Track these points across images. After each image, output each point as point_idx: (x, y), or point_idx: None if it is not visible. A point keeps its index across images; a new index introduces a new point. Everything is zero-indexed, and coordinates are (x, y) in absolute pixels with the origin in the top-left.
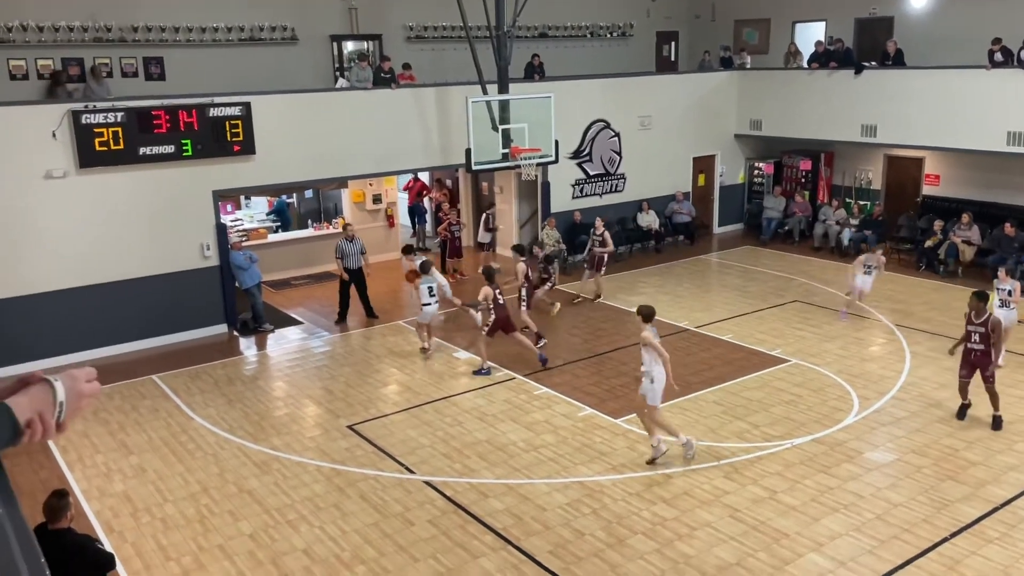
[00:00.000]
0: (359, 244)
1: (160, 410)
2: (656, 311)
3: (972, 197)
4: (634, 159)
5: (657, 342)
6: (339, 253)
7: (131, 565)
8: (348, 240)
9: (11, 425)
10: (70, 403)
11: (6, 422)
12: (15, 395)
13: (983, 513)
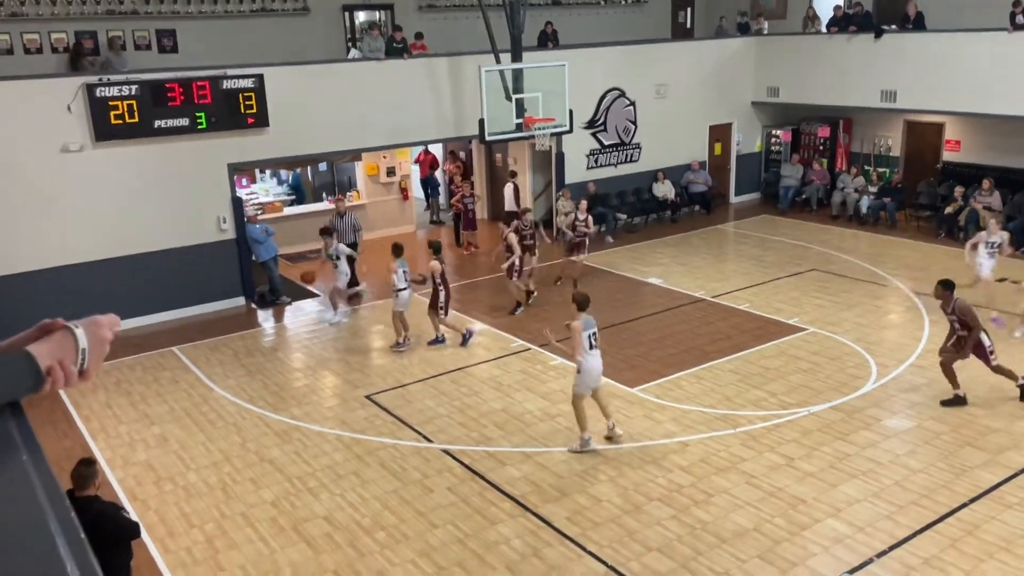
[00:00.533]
0: (351, 219)
1: (181, 381)
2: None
3: (993, 163)
4: (649, 128)
5: (579, 337)
6: (332, 227)
7: (155, 532)
8: (340, 215)
9: (34, 372)
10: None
11: (28, 369)
12: (37, 343)
13: (1002, 479)
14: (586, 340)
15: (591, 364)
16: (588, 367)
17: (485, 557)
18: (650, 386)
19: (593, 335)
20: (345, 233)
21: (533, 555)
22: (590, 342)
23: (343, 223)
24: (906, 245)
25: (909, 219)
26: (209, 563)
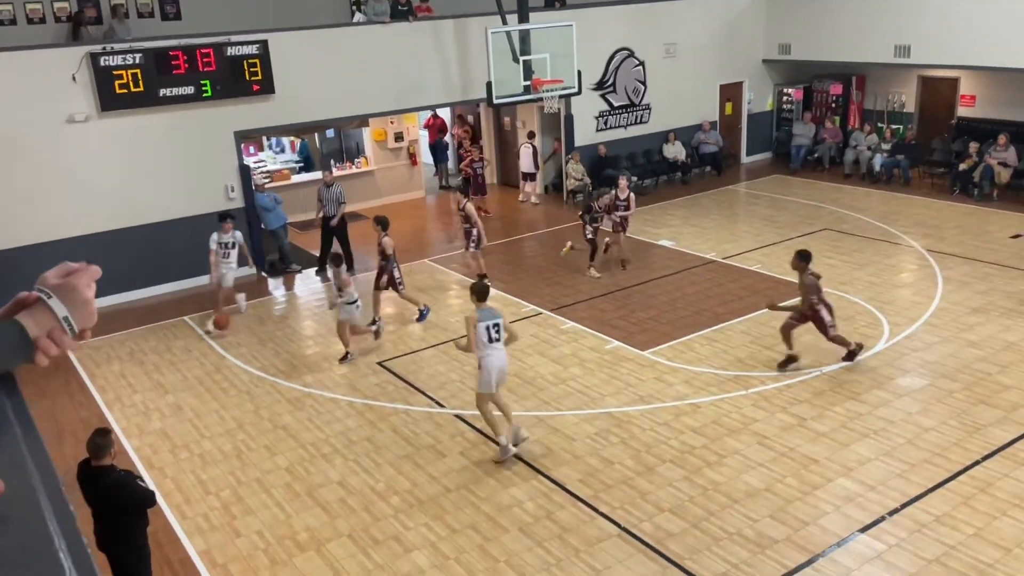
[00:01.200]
0: (337, 190)
1: (193, 350)
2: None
3: (1009, 117)
4: (659, 88)
5: (474, 331)
6: (320, 198)
7: (172, 499)
8: (326, 186)
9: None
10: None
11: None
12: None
13: (1016, 436)
14: (484, 333)
15: (491, 360)
16: (488, 363)
17: (498, 520)
18: (662, 348)
19: (494, 327)
20: (329, 205)
21: (546, 517)
22: (489, 335)
23: (328, 194)
24: (919, 203)
25: (923, 176)
26: (226, 528)
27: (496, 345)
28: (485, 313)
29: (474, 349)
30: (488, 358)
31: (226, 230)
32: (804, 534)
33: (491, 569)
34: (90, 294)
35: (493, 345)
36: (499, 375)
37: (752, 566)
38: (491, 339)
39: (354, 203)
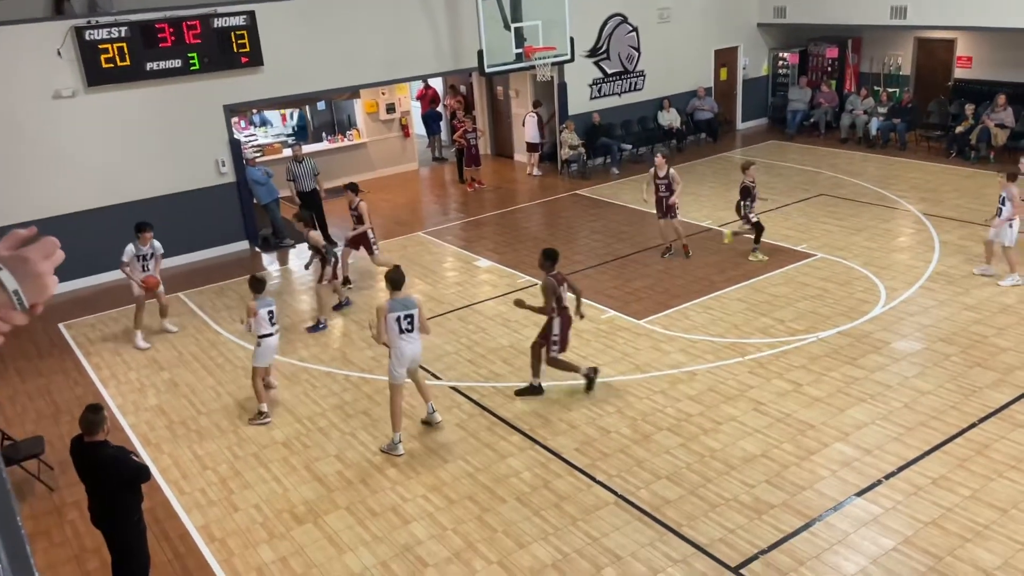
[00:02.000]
0: (310, 165)
1: (188, 326)
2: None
3: (1007, 78)
4: (653, 55)
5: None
6: (289, 176)
7: (169, 474)
8: (297, 162)
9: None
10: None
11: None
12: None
13: (1012, 398)
14: (394, 324)
15: (403, 349)
16: (399, 352)
17: (495, 490)
18: (657, 317)
19: (406, 319)
20: (303, 180)
21: (543, 486)
22: (400, 326)
23: (301, 168)
24: (916, 166)
25: (919, 140)
26: (224, 503)
27: (407, 336)
28: (397, 304)
29: (384, 339)
30: (398, 349)
31: (144, 241)
32: (801, 499)
33: (489, 539)
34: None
35: (404, 336)
36: (411, 364)
37: (749, 531)
38: (402, 330)
39: (347, 176)
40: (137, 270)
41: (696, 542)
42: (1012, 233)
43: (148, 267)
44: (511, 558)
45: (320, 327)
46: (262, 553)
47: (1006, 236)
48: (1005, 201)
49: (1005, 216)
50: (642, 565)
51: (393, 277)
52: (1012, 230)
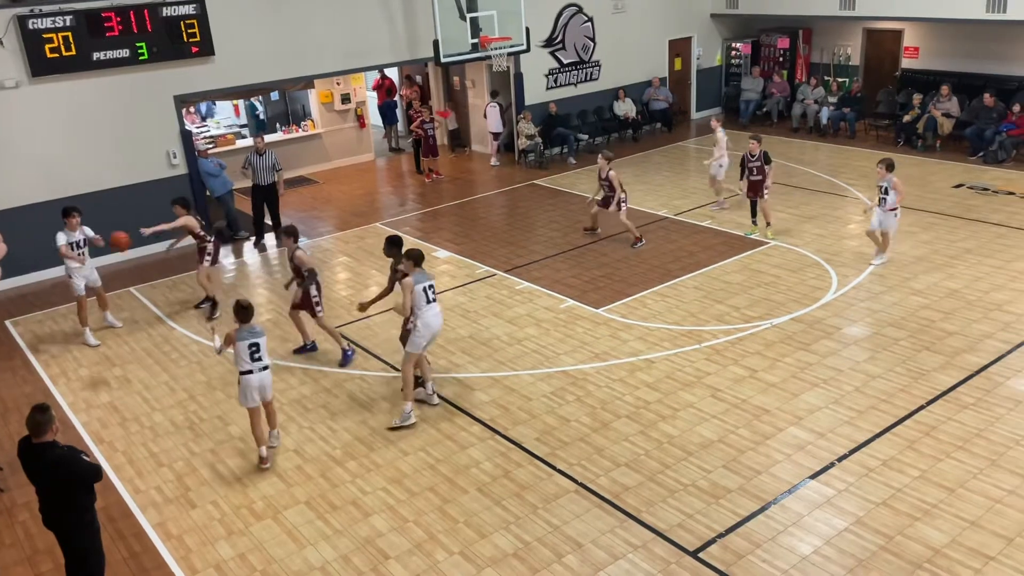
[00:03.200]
0: (271, 158)
1: (140, 321)
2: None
3: (951, 68)
4: (608, 45)
5: (411, 294)
6: (246, 164)
7: (123, 473)
8: (258, 154)
9: None
10: None
11: None
12: None
13: (959, 380)
14: (421, 294)
15: (429, 319)
16: (426, 321)
17: (456, 481)
18: (616, 306)
19: (430, 287)
20: (262, 172)
21: (503, 476)
22: (427, 296)
23: (262, 161)
24: (865, 155)
25: (868, 129)
26: (180, 501)
27: (434, 305)
28: (421, 276)
29: (409, 312)
30: (424, 318)
31: (72, 226)
32: (756, 482)
33: (450, 530)
34: None
35: (431, 306)
36: (432, 337)
37: (706, 516)
38: (428, 300)
39: (302, 167)
40: (73, 259)
41: (655, 527)
42: (896, 222)
43: (83, 253)
44: (472, 548)
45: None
46: (220, 550)
47: (892, 225)
48: (888, 191)
49: (890, 205)
50: (603, 552)
51: (415, 255)
52: (896, 219)
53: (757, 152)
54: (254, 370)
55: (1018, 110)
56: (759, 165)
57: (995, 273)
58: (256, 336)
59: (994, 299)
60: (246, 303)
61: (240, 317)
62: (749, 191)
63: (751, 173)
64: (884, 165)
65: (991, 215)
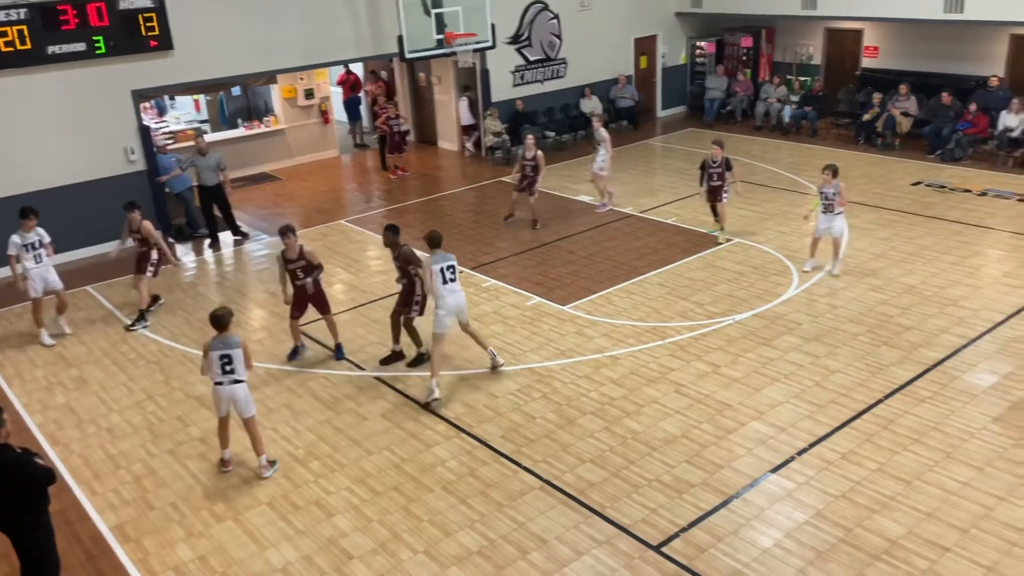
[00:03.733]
0: (215, 158)
1: (97, 321)
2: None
3: (910, 68)
4: (575, 43)
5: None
6: (186, 165)
7: (80, 475)
8: (201, 154)
9: None
10: None
11: None
12: None
13: (915, 375)
14: (438, 274)
15: (447, 299)
16: (443, 301)
17: (421, 479)
18: (582, 303)
19: (448, 269)
20: (207, 173)
21: (469, 474)
22: (443, 276)
23: (205, 162)
24: (826, 153)
25: (829, 127)
26: (139, 503)
27: (452, 286)
28: (438, 257)
29: (430, 289)
30: (444, 299)
31: (28, 228)
32: (719, 477)
33: (415, 529)
34: None
35: (448, 286)
36: (458, 312)
37: (670, 510)
38: (445, 280)
39: (265, 164)
40: (29, 261)
41: (619, 523)
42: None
43: (40, 257)
44: (437, 547)
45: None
46: (179, 552)
47: (845, 229)
48: (834, 197)
49: (838, 212)
50: (567, 548)
51: (432, 237)
52: (842, 222)
53: (719, 158)
54: (224, 382)
55: (974, 109)
56: (720, 171)
57: (951, 269)
58: (229, 347)
59: (950, 295)
60: (220, 312)
61: (214, 326)
62: (709, 196)
63: (711, 179)
64: (830, 171)
65: (948, 212)
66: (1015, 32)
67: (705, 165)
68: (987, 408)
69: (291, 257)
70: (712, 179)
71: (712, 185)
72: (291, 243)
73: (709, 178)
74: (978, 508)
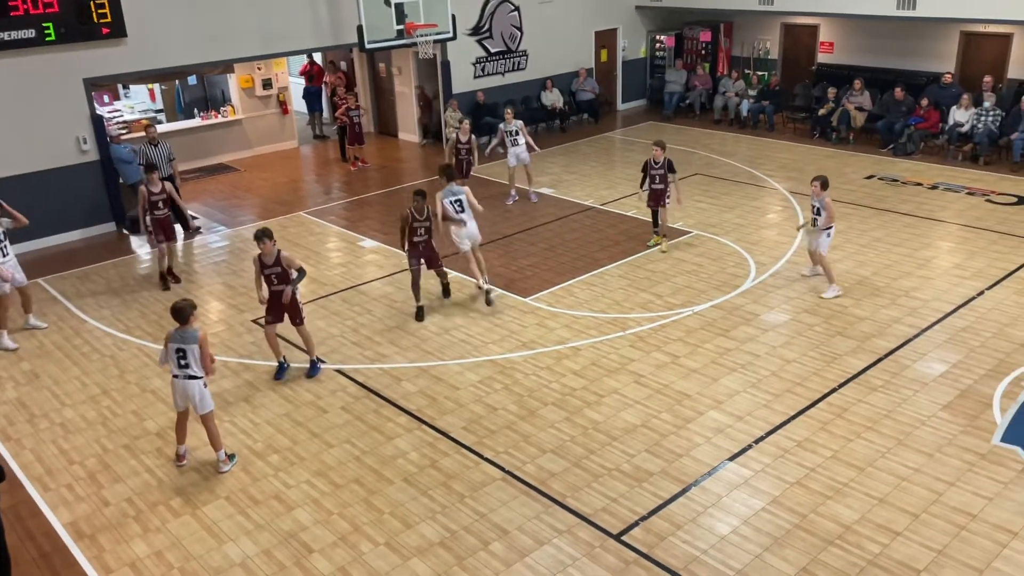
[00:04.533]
0: (166, 149)
1: (49, 314)
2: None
3: (864, 63)
4: (536, 35)
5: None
6: (141, 159)
7: (32, 471)
8: (152, 145)
9: None
10: None
11: None
12: None
13: (868, 364)
14: (449, 207)
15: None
16: (455, 231)
17: (382, 472)
18: (543, 295)
19: (456, 203)
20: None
21: (430, 466)
22: (454, 208)
23: (155, 152)
24: (783, 147)
25: (786, 121)
26: (93, 499)
27: (461, 215)
28: (447, 192)
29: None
30: (456, 226)
31: None
32: (678, 465)
33: (376, 521)
34: None
35: (461, 215)
36: (470, 238)
37: (630, 499)
38: (456, 211)
39: (222, 155)
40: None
41: (580, 512)
42: (827, 241)
43: (5, 247)
44: (398, 538)
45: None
46: (135, 548)
47: (822, 244)
48: (820, 211)
49: (822, 225)
50: (528, 538)
51: (446, 170)
52: (828, 239)
53: (661, 159)
54: (179, 376)
55: (926, 104)
56: (662, 173)
57: (903, 261)
58: (186, 342)
59: (902, 286)
60: (181, 304)
61: (175, 318)
62: (650, 200)
63: (653, 181)
64: (819, 183)
65: (900, 205)
66: (966, 29)
67: (647, 167)
68: (937, 396)
69: (267, 262)
70: (654, 181)
71: (654, 188)
72: (267, 248)
73: (651, 180)
74: (928, 493)
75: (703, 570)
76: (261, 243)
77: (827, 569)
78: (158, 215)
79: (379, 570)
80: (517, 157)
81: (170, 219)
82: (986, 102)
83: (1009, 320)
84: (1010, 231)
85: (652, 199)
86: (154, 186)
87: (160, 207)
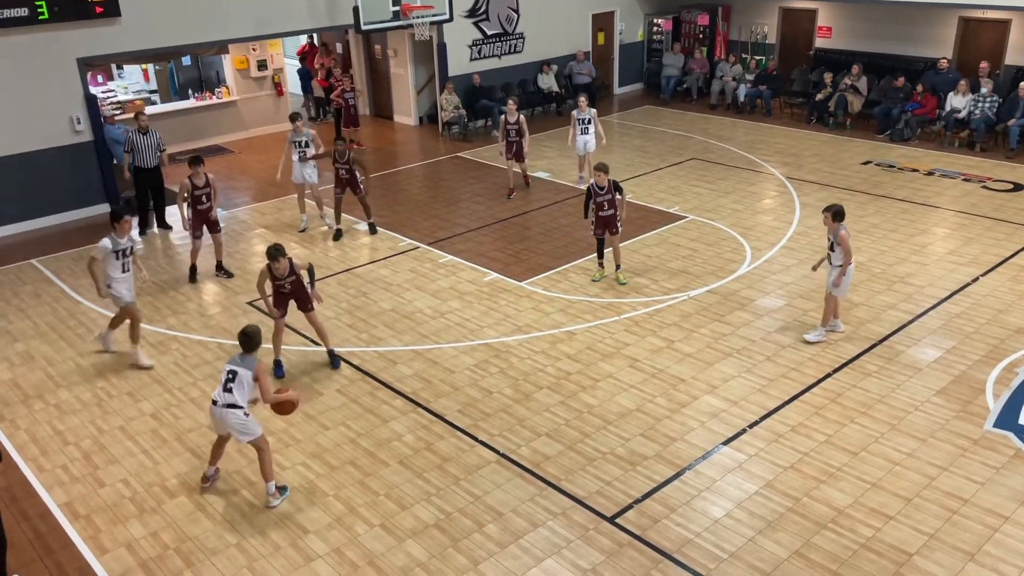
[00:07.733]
0: (156, 138)
1: (43, 295)
2: None
3: (862, 48)
4: (532, 17)
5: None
6: (128, 147)
7: (27, 452)
8: (141, 133)
9: None
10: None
11: None
12: None
13: (863, 349)
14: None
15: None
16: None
17: (378, 454)
18: (538, 279)
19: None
20: (146, 154)
21: (426, 448)
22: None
23: (145, 141)
24: (780, 132)
25: (783, 106)
26: (88, 479)
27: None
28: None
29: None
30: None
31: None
32: (672, 449)
33: (371, 503)
34: None
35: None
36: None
37: (624, 482)
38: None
39: (216, 136)
40: None
41: (574, 495)
42: (846, 282)
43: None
44: (393, 520)
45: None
46: (131, 529)
47: (841, 288)
48: (835, 246)
49: (837, 262)
50: (523, 520)
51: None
52: (847, 278)
53: (605, 183)
54: (218, 403)
55: (923, 90)
56: (609, 199)
57: (899, 247)
58: (238, 366)
59: (897, 272)
60: (251, 330)
61: (241, 344)
62: (598, 228)
63: (601, 208)
64: (830, 213)
65: (896, 191)
66: (964, 15)
67: (591, 193)
68: (931, 382)
69: (281, 275)
70: (602, 208)
71: (602, 215)
72: (282, 265)
73: (598, 208)
74: (921, 478)
75: (696, 553)
76: (276, 261)
77: (820, 552)
78: (201, 208)
79: (374, 551)
80: (585, 145)
81: (213, 212)
82: (983, 88)
83: (1003, 307)
84: (1006, 218)
85: (599, 227)
86: (198, 179)
87: (203, 201)
